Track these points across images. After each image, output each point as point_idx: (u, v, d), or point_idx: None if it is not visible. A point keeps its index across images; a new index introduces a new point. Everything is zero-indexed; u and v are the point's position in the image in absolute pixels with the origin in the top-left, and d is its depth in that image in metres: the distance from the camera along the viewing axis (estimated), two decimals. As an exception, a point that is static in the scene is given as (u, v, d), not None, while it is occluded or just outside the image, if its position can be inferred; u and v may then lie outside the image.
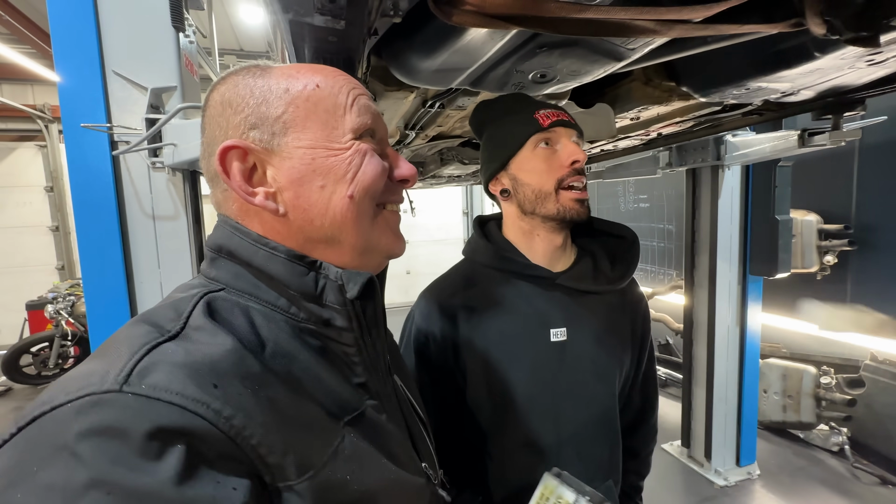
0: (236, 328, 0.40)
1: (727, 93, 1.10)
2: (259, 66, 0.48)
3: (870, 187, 2.71)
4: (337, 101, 0.46)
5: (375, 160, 0.47)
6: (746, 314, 2.52)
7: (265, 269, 0.44)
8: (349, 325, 0.44)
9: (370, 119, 0.48)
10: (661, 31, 0.65)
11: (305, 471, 0.36)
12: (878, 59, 0.90)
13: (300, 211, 0.45)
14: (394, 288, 7.97)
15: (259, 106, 0.44)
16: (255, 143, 0.44)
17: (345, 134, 0.46)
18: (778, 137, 1.67)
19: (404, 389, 0.58)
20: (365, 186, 0.45)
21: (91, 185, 1.17)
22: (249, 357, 0.38)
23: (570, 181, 0.80)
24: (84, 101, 1.15)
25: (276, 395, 0.37)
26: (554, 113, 0.83)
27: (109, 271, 1.21)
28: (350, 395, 0.44)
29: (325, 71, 0.48)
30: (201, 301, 0.41)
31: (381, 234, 0.49)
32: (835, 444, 2.73)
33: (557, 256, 0.87)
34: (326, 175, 0.45)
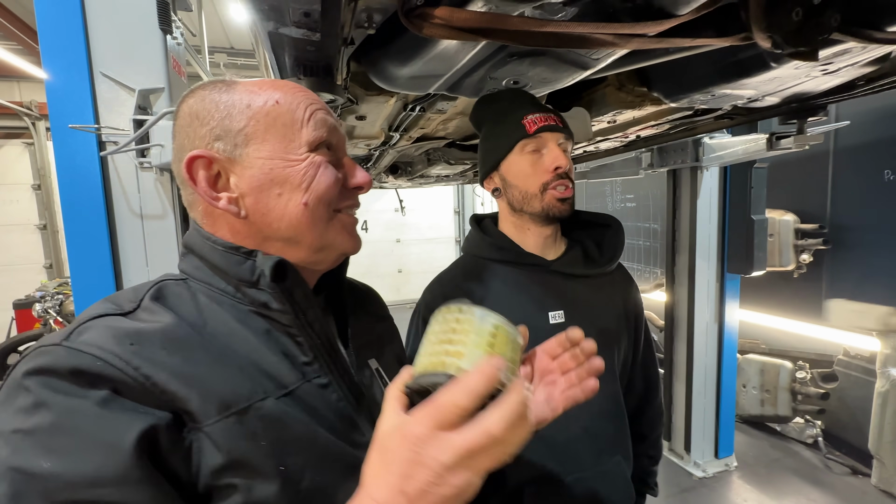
0: (180, 310, 0.48)
1: (695, 99, 1.15)
2: (225, 82, 0.52)
3: (843, 188, 2.80)
4: (294, 117, 0.51)
5: (329, 171, 0.52)
6: (724, 311, 2.60)
7: (211, 261, 0.51)
8: (283, 307, 0.49)
9: (325, 132, 0.52)
10: (619, 44, 0.69)
11: (210, 417, 0.42)
12: (832, 69, 0.96)
13: (259, 215, 0.50)
14: (386, 286, 7.98)
15: (223, 119, 0.49)
16: (219, 153, 0.49)
17: (301, 146, 0.50)
18: (749, 140, 1.73)
19: (382, 374, 0.62)
20: (318, 195, 0.50)
21: (79, 185, 1.19)
22: (179, 330, 0.45)
23: (554, 185, 0.87)
24: (72, 101, 1.17)
25: (195, 357, 0.44)
26: (542, 118, 0.88)
27: (98, 270, 1.24)
28: (288, 371, 0.49)
29: (285, 87, 0.52)
30: (154, 288, 0.49)
31: (336, 235, 0.54)
32: (809, 436, 2.82)
33: (549, 246, 0.94)
34: (283, 184, 0.49)
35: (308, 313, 0.51)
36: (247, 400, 0.44)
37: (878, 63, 0.99)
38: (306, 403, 0.49)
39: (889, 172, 2.52)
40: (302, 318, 0.50)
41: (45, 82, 1.16)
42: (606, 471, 0.88)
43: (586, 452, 0.87)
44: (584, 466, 0.87)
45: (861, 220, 2.70)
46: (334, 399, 0.52)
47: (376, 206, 7.67)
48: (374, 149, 1.79)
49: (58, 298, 4.07)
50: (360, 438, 0.53)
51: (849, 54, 0.86)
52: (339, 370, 0.53)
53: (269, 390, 0.47)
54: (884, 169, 2.54)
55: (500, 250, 0.94)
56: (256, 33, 0.78)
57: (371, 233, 7.69)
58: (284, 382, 0.48)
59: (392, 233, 7.98)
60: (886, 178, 2.53)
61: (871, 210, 2.64)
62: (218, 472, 0.42)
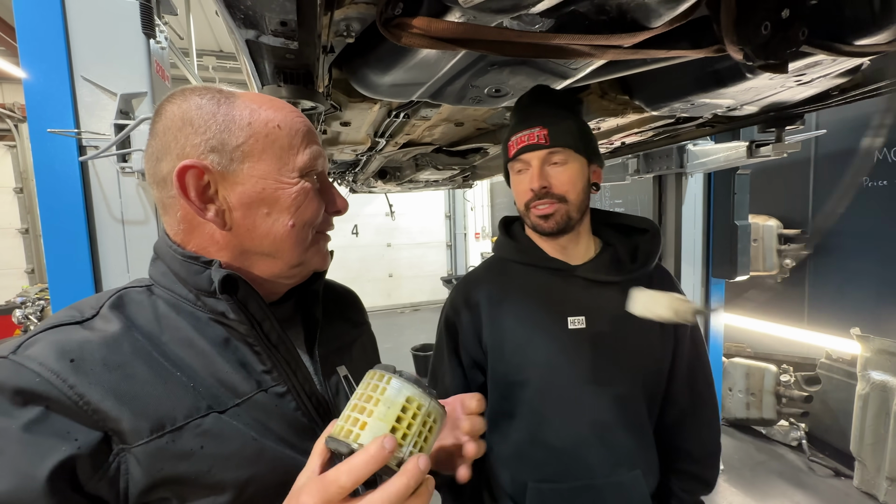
0: (137, 318, 0.49)
1: (675, 107, 1.17)
2: (222, 92, 0.52)
3: (825, 195, 2.86)
4: (292, 142, 0.52)
5: (317, 200, 0.54)
6: (709, 315, 2.63)
7: (173, 268, 0.52)
8: (239, 317, 0.50)
9: (317, 162, 0.54)
10: (596, 55, 0.70)
11: (141, 437, 0.43)
12: (805, 79, 0.98)
13: (245, 230, 0.51)
14: (376, 291, 7.95)
15: (222, 132, 0.49)
16: (212, 165, 0.49)
17: (293, 171, 0.52)
18: (731, 148, 1.77)
19: (350, 381, 0.62)
20: (305, 219, 0.53)
21: (59, 190, 1.18)
22: (126, 342, 0.46)
23: (534, 204, 0.88)
24: (52, 105, 1.16)
25: (137, 372, 0.45)
26: (522, 138, 0.88)
27: (77, 276, 1.22)
28: (242, 381, 0.50)
29: (285, 111, 0.53)
30: (116, 295, 0.50)
31: (313, 255, 0.56)
32: (793, 438, 2.86)
33: (572, 251, 0.94)
34: (273, 204, 0.51)
35: (263, 324, 0.52)
36: (184, 418, 0.45)
37: (850, 74, 1.02)
38: (257, 414, 0.49)
39: (868, 179, 2.58)
40: (258, 328, 0.51)
41: (23, 83, 1.14)
42: (621, 483, 0.86)
43: (599, 462, 0.86)
44: (595, 475, 0.85)
45: (842, 226, 2.76)
46: (292, 408, 0.52)
47: (366, 211, 7.65)
48: (360, 154, 1.79)
49: (39, 304, 3.98)
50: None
51: (820, 66, 0.88)
52: (300, 378, 0.54)
53: (217, 403, 0.47)
54: (863, 176, 2.61)
55: (524, 253, 0.96)
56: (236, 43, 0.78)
57: (361, 237, 7.66)
58: (238, 392, 0.49)
59: (382, 237, 7.97)
60: (865, 184, 2.60)
61: (852, 215, 2.70)
62: (147, 491, 0.43)
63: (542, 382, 0.88)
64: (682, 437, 0.95)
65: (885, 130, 0.95)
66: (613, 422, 0.86)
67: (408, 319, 7.28)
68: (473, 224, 8.35)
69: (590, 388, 0.87)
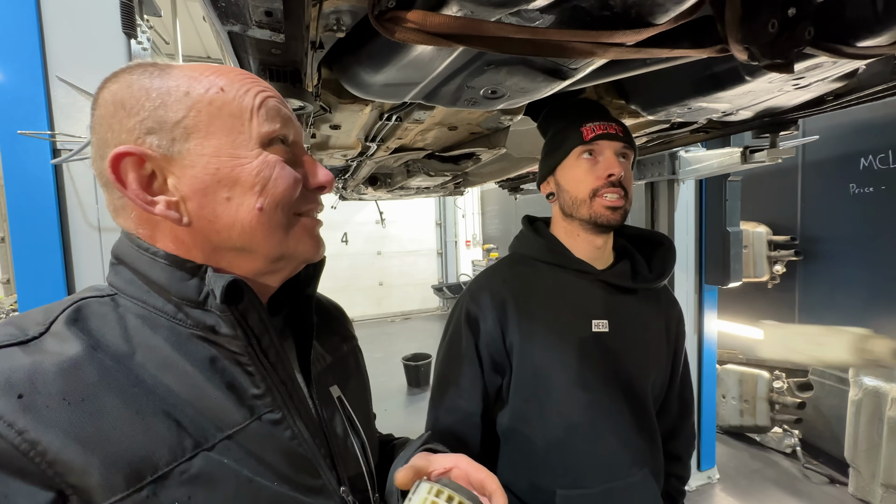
0: (102, 336, 0.40)
1: (671, 111, 1.15)
2: (157, 65, 0.44)
3: (812, 201, 2.90)
4: (242, 105, 0.44)
5: (287, 171, 0.45)
6: (703, 322, 2.63)
7: (148, 275, 0.43)
8: (234, 332, 0.42)
9: (280, 124, 0.45)
10: (597, 53, 0.68)
11: (115, 493, 0.34)
12: (803, 83, 0.97)
13: (205, 221, 0.43)
14: (366, 300, 7.86)
15: (157, 109, 0.41)
16: (152, 150, 0.42)
17: (251, 140, 0.43)
18: (724, 154, 1.77)
19: (344, 403, 0.56)
20: (275, 199, 0.44)
21: (30, 195, 1.12)
22: (90, 367, 0.37)
23: (605, 192, 0.87)
24: (23, 106, 1.10)
25: (106, 405, 0.36)
26: (601, 125, 0.88)
27: (49, 286, 1.15)
28: (233, 409, 0.42)
29: (231, 73, 0.45)
30: (72, 307, 0.41)
31: (297, 242, 0.47)
32: (787, 445, 2.86)
33: (598, 256, 0.94)
34: (233, 186, 0.42)
35: (262, 340, 0.45)
36: (168, 462, 0.37)
37: (847, 79, 1.01)
38: (252, 447, 0.42)
39: (854, 186, 2.62)
40: (255, 345, 0.44)
41: (-7, 86, 1.08)
42: (636, 483, 0.88)
43: (619, 464, 0.87)
44: (616, 477, 0.87)
45: (830, 232, 2.79)
46: (287, 437, 0.45)
47: (356, 219, 7.59)
48: (351, 159, 1.75)
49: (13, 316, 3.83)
50: (315, 482, 0.46)
51: (820, 69, 0.87)
52: (296, 403, 0.47)
53: (204, 439, 0.40)
54: (849, 183, 2.64)
55: (550, 252, 0.95)
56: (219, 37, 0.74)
57: (351, 245, 7.59)
58: (228, 423, 0.41)
59: (373, 245, 7.90)
60: (852, 191, 2.63)
61: (839, 222, 2.74)
62: None
63: (569, 384, 0.87)
64: (674, 443, 1.03)
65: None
66: (631, 425, 0.89)
67: (398, 328, 7.19)
68: (464, 232, 8.33)
69: (613, 392, 0.88)
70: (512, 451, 0.93)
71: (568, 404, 0.87)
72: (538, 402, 0.88)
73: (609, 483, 0.86)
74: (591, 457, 0.87)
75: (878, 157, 2.51)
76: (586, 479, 0.86)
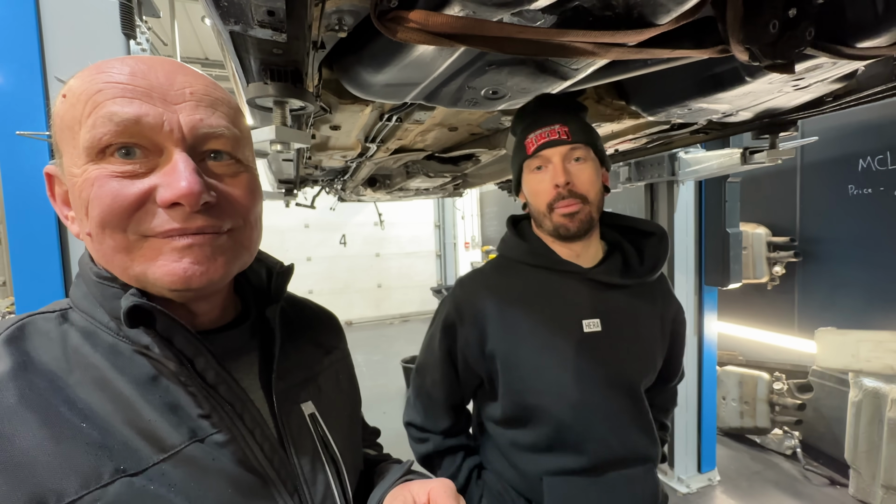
0: (40, 354, 0.39)
1: (672, 112, 1.16)
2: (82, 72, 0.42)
3: (811, 202, 2.90)
4: (75, 114, 0.38)
5: (105, 189, 0.38)
6: (703, 323, 2.63)
7: (90, 291, 0.43)
8: (164, 353, 0.41)
9: (111, 130, 0.37)
10: (599, 53, 0.68)
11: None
12: (802, 84, 0.98)
13: (89, 239, 0.41)
14: (365, 302, 7.85)
15: (54, 127, 0.41)
16: (55, 169, 0.42)
17: (80, 156, 0.38)
18: (724, 155, 1.77)
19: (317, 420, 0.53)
20: (98, 221, 0.38)
21: (27, 197, 1.11)
22: (17, 386, 0.36)
23: (558, 203, 0.85)
24: (21, 107, 1.10)
25: (22, 429, 0.35)
26: (543, 133, 0.86)
27: (46, 289, 1.14)
28: (170, 430, 0.40)
29: (87, 71, 0.40)
30: (16, 325, 0.41)
31: (146, 268, 0.40)
32: (788, 447, 2.85)
33: (583, 254, 0.92)
34: (75, 208, 0.41)
35: (196, 361, 0.42)
36: (79, 489, 0.34)
37: (846, 80, 1.02)
38: (190, 471, 0.39)
39: (853, 187, 2.63)
40: (188, 366, 0.42)
41: (-8, 87, 1.08)
42: (636, 475, 0.88)
43: (618, 460, 0.87)
44: (610, 468, 0.86)
45: (829, 234, 2.80)
46: (235, 460, 0.42)
47: (355, 220, 7.58)
48: (350, 160, 1.75)
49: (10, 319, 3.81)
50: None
51: (820, 70, 0.88)
52: (248, 423, 0.44)
53: (133, 463, 0.37)
54: (848, 184, 2.65)
55: (534, 255, 0.93)
56: (219, 37, 0.74)
57: (350, 247, 7.58)
58: (164, 446, 0.39)
59: (371, 247, 7.89)
60: (851, 192, 2.64)
61: (838, 223, 2.74)
62: None
63: (561, 387, 0.86)
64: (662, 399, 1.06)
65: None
66: (629, 423, 0.88)
67: (397, 331, 7.18)
68: (463, 234, 8.33)
69: (608, 392, 0.87)
70: (502, 441, 0.93)
71: (561, 406, 0.86)
72: (529, 405, 0.88)
73: (603, 473, 0.86)
74: (585, 455, 0.86)
75: (876, 159, 2.52)
76: (575, 469, 0.86)
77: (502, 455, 0.93)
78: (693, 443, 2.69)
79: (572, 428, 0.86)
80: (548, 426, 0.87)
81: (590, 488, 0.86)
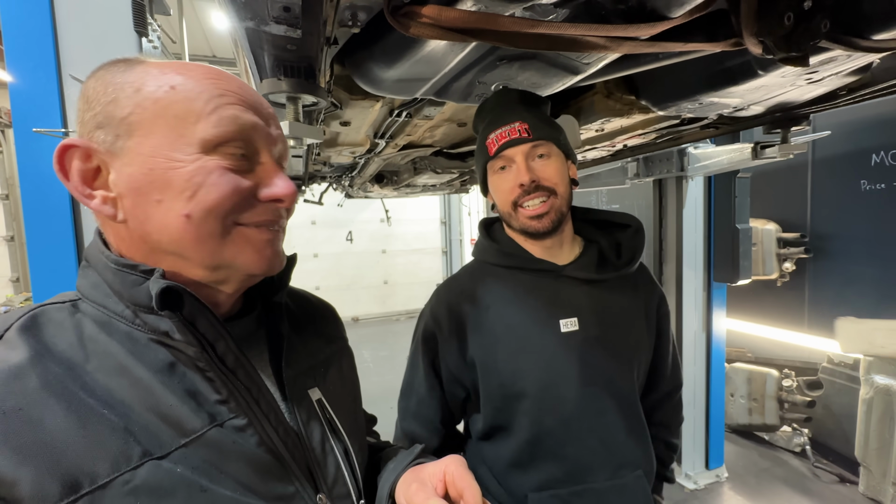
0: (56, 343, 0.40)
1: (682, 107, 1.15)
2: (127, 60, 0.44)
3: (822, 198, 2.87)
4: (191, 107, 0.42)
5: (225, 179, 0.42)
6: (712, 320, 2.61)
7: (105, 279, 0.43)
8: (186, 338, 0.42)
9: (232, 131, 0.43)
10: (611, 47, 0.68)
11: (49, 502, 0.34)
12: (816, 77, 0.96)
13: (138, 222, 0.42)
14: (371, 299, 7.88)
15: (109, 104, 0.41)
16: (98, 144, 0.42)
17: (191, 145, 0.42)
18: (734, 150, 1.76)
19: (324, 405, 0.54)
20: (206, 206, 0.41)
21: (45, 193, 1.13)
22: (33, 374, 0.37)
23: (523, 201, 0.84)
24: (38, 104, 1.11)
25: (47, 413, 0.36)
26: (504, 133, 0.84)
27: (63, 284, 1.16)
28: (190, 415, 0.41)
29: (194, 72, 0.44)
30: (29, 314, 0.41)
31: (236, 253, 0.44)
32: (797, 444, 2.83)
33: (557, 251, 0.90)
34: (164, 189, 0.41)
35: (217, 345, 0.44)
36: (110, 471, 0.36)
37: (861, 73, 1.00)
38: (211, 455, 0.41)
39: (865, 182, 2.59)
40: (210, 351, 0.43)
41: (8, 85, 1.10)
42: (625, 485, 0.85)
43: (601, 466, 0.84)
44: (598, 478, 0.84)
45: (841, 230, 2.76)
46: (253, 443, 0.44)
47: (362, 217, 7.61)
48: (359, 156, 1.75)
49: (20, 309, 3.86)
50: (286, 489, 0.45)
51: (834, 63, 0.87)
52: (263, 407, 0.46)
53: (157, 446, 0.39)
54: (860, 179, 2.62)
55: (508, 256, 0.91)
56: (235, 33, 0.75)
57: (356, 243, 7.61)
58: (185, 430, 0.40)
59: (377, 243, 7.91)
60: (863, 188, 2.60)
61: (850, 219, 2.71)
62: None
63: (540, 390, 0.84)
64: (661, 413, 1.02)
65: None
66: (615, 423, 0.86)
67: (403, 327, 7.20)
68: (469, 230, 8.33)
69: (589, 391, 0.84)
70: (485, 453, 0.91)
71: (540, 411, 0.84)
72: (509, 411, 0.86)
73: (590, 484, 0.83)
74: (568, 461, 0.84)
75: (889, 154, 2.48)
76: (562, 483, 0.83)
77: (492, 475, 0.91)
78: (701, 439, 2.68)
79: (552, 433, 0.84)
80: (528, 433, 0.85)
81: (575, 502, 0.83)
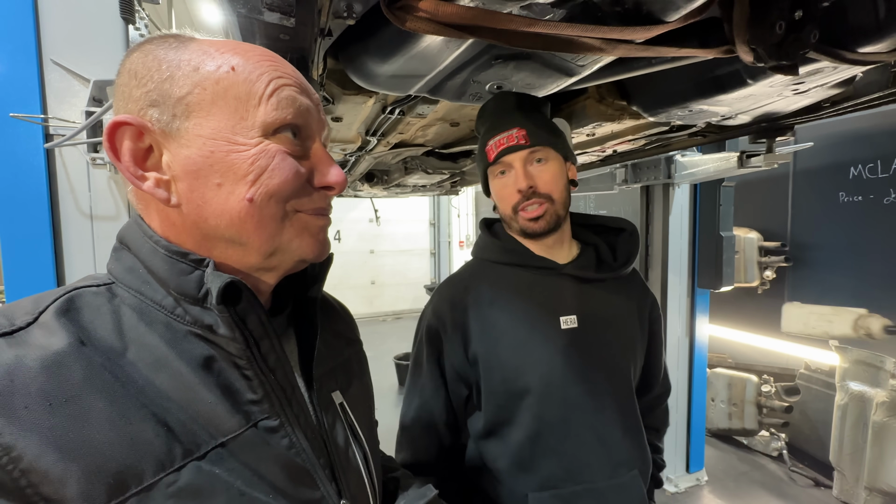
0: (94, 329, 0.37)
1: (672, 113, 1.16)
2: (179, 37, 0.42)
3: (802, 209, 2.95)
4: (252, 90, 0.41)
5: (287, 163, 0.42)
6: (695, 325, 2.65)
7: (149, 265, 0.41)
8: (233, 334, 0.40)
9: (291, 114, 0.42)
10: (606, 50, 0.68)
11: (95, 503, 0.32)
12: (802, 88, 0.99)
13: (194, 206, 0.40)
14: (358, 299, 7.81)
15: (164, 82, 0.39)
16: (152, 123, 0.39)
17: (253, 128, 0.40)
18: (720, 158, 1.79)
19: (346, 409, 0.53)
20: (269, 190, 0.41)
21: (20, 180, 1.09)
22: (77, 364, 0.35)
23: (522, 206, 0.86)
24: (16, 89, 1.07)
25: (91, 408, 0.34)
26: (502, 139, 0.86)
27: (37, 276, 1.12)
28: (227, 415, 0.39)
29: (251, 53, 0.42)
30: (65, 296, 0.38)
31: (293, 238, 0.44)
32: (774, 449, 2.89)
33: (557, 251, 0.92)
34: (225, 173, 0.40)
35: (262, 344, 0.42)
36: (155, 472, 0.34)
37: (844, 85, 1.03)
38: (246, 457, 0.39)
39: (844, 194, 2.67)
40: (254, 349, 0.42)
41: (-15, 67, 1.05)
42: (622, 484, 0.85)
43: (599, 464, 0.85)
44: (597, 478, 0.84)
45: (819, 240, 2.84)
46: (285, 446, 0.42)
47: (350, 216, 7.55)
48: (349, 154, 1.74)
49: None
50: (313, 494, 0.44)
51: (820, 74, 0.89)
52: (294, 410, 0.44)
53: (196, 446, 0.37)
54: (839, 191, 2.69)
55: (509, 253, 0.93)
56: (226, 22, 0.73)
57: (344, 243, 7.55)
58: (222, 429, 0.39)
59: (366, 243, 7.86)
60: (841, 199, 2.68)
61: (828, 230, 2.79)
62: None
63: (543, 386, 0.85)
64: (652, 418, 1.05)
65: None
66: (612, 422, 0.87)
67: (390, 327, 7.16)
68: (458, 232, 8.34)
69: (588, 388, 0.86)
70: (486, 453, 0.91)
71: (542, 407, 0.84)
72: (512, 407, 0.86)
73: (590, 484, 0.84)
74: (567, 458, 0.84)
75: (867, 167, 2.56)
76: (562, 482, 0.84)
77: (492, 475, 0.90)
78: (682, 443, 2.71)
79: (553, 428, 0.84)
80: (530, 428, 0.85)
81: (576, 501, 0.83)
